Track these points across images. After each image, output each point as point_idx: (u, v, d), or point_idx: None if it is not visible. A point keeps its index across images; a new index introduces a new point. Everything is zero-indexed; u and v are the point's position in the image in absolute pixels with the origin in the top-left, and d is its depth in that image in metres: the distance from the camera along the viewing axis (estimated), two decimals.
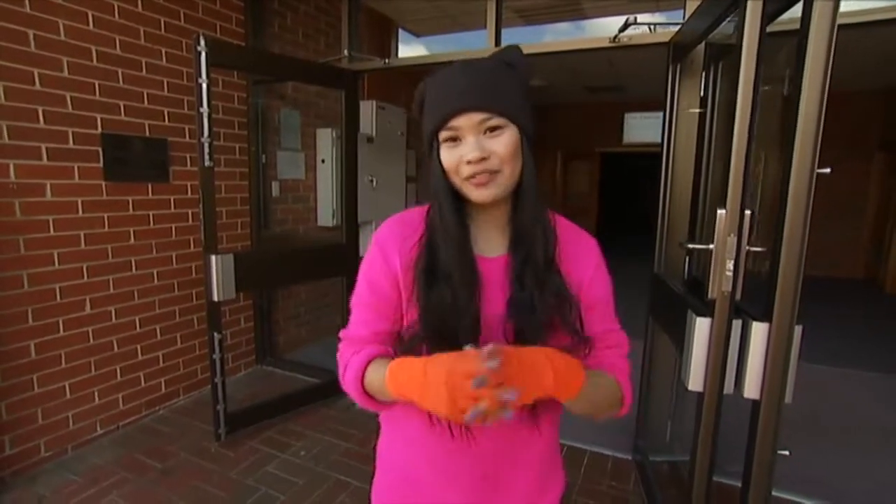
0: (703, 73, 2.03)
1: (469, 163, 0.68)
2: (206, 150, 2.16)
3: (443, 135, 0.70)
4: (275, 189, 3.41)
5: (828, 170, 1.22)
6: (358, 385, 0.73)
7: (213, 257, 2.24)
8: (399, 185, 4.47)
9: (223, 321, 2.86)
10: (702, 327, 1.41)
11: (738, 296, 1.36)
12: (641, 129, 8.22)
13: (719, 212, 1.34)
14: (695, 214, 2.07)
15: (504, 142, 0.68)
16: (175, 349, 2.85)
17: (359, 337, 0.78)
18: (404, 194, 4.56)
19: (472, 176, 0.69)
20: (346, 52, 3.10)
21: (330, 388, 2.90)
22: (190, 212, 2.81)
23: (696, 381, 1.44)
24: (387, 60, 2.96)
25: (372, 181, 3.95)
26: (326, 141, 3.63)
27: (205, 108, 2.18)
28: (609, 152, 8.33)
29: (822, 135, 1.17)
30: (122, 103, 2.46)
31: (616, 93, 7.38)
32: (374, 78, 4.10)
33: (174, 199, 2.75)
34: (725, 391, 1.41)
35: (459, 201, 0.74)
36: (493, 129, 0.68)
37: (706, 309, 1.41)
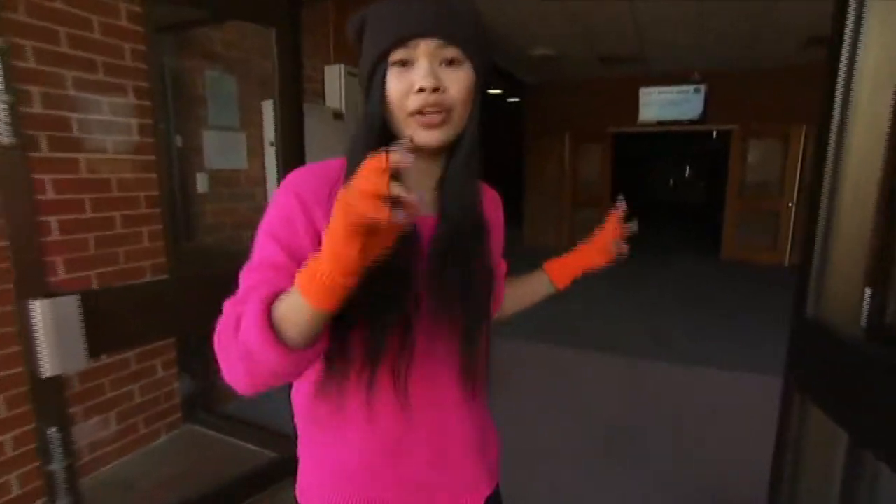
0: None
1: (421, 90, 0.58)
2: (3, 116, 1.20)
3: (394, 56, 0.59)
4: (202, 183, 2.46)
5: None
6: (262, 319, 0.49)
7: (34, 304, 1.29)
8: None
9: (126, 373, 1.91)
10: None
11: None
12: (658, 105, 7.33)
13: None
14: (891, 225, 1.15)
15: (460, 78, 0.61)
16: None
17: (268, 263, 0.59)
18: None
19: (421, 111, 0.59)
20: None
21: (292, 463, 2.00)
22: None
23: None
24: None
25: None
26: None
27: None
28: (623, 133, 7.41)
29: None
30: None
31: (634, 65, 6.43)
32: (341, 34, 3.12)
33: None
34: None
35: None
36: (450, 61, 0.60)
37: None
